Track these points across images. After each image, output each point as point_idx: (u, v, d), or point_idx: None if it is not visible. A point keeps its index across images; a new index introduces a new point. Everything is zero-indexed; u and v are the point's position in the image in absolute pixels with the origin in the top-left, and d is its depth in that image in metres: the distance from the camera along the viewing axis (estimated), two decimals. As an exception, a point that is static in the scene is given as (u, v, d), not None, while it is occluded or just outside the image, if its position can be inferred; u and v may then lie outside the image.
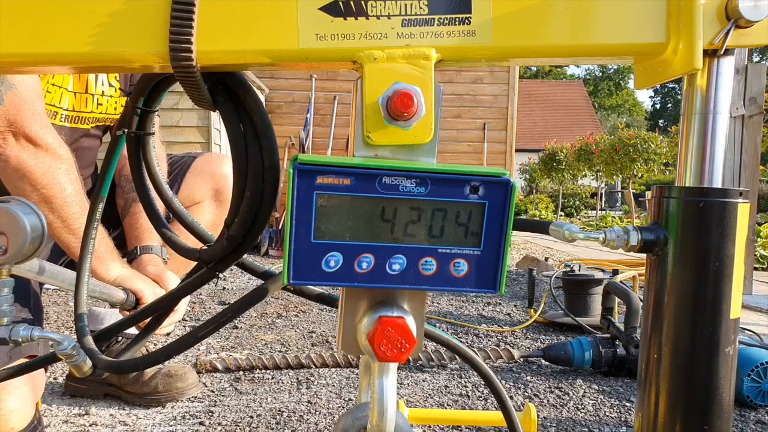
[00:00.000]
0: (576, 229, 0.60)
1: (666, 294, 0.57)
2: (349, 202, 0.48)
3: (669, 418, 0.57)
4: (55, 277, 0.79)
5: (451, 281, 0.51)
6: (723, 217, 0.54)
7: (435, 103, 0.52)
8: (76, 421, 1.27)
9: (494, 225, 0.50)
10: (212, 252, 0.65)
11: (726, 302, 0.55)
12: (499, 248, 0.51)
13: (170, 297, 0.72)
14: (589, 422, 1.32)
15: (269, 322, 2.22)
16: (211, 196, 1.40)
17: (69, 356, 0.67)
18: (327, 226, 0.49)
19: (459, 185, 0.49)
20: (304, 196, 0.48)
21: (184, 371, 1.41)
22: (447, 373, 1.63)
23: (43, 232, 0.73)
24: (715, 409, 0.56)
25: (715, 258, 0.55)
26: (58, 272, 0.80)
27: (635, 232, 0.58)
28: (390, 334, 0.52)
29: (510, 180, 0.50)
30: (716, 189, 0.55)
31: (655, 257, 0.58)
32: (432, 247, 0.50)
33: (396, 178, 0.49)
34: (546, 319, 2.25)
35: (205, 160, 1.43)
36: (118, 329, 0.77)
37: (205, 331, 0.66)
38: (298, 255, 0.49)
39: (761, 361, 1.41)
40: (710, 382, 0.56)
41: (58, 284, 0.80)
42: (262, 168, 0.59)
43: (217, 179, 1.40)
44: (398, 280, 0.51)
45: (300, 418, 1.29)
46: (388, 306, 0.54)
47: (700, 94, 0.55)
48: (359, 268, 0.50)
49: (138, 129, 0.69)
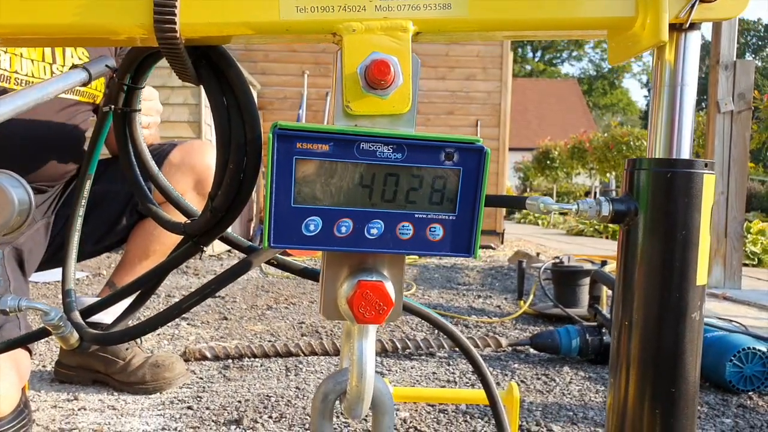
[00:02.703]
0: (550, 201, 0.62)
1: (636, 262, 0.59)
2: (328, 168, 0.50)
3: (639, 382, 0.59)
4: None
5: (427, 245, 0.53)
6: (689, 188, 0.56)
7: (412, 74, 0.53)
8: (65, 405, 1.27)
9: (468, 191, 0.52)
10: (196, 225, 0.67)
11: (692, 269, 0.57)
12: (474, 213, 0.53)
13: (155, 272, 0.73)
14: (575, 406, 1.34)
15: (259, 314, 2.24)
16: (192, 187, 1.35)
17: (56, 327, 0.68)
18: (306, 191, 0.50)
19: (434, 152, 0.51)
20: (283, 161, 0.49)
21: (171, 361, 1.41)
22: (435, 360, 1.65)
23: (30, 206, 0.74)
24: (682, 373, 0.58)
25: (682, 227, 0.57)
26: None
27: (607, 203, 0.60)
28: (369, 296, 0.54)
29: (483, 147, 0.51)
30: (683, 160, 0.57)
31: (626, 227, 0.60)
32: (409, 212, 0.52)
33: (373, 145, 0.50)
34: (535, 311, 2.27)
35: (185, 150, 1.37)
36: (104, 305, 0.78)
37: (190, 302, 0.67)
38: (279, 219, 0.50)
39: (743, 347, 1.43)
40: (678, 347, 0.58)
41: None
42: (244, 141, 0.61)
43: (198, 170, 1.34)
44: (376, 244, 0.52)
45: (288, 403, 1.30)
46: (367, 271, 0.55)
47: (668, 68, 0.57)
48: (338, 233, 0.51)
49: (124, 106, 0.71)
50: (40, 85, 0.90)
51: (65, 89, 0.99)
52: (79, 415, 1.22)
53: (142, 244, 1.35)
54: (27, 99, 0.86)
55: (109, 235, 1.35)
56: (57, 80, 0.96)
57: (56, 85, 0.96)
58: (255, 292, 2.72)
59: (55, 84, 0.95)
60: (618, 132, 8.19)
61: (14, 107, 0.83)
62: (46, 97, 0.90)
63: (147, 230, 1.35)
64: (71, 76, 0.99)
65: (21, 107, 0.84)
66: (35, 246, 1.28)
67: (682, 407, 0.58)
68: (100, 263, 3.60)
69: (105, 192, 1.30)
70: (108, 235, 1.35)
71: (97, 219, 1.31)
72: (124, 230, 1.35)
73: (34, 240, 1.27)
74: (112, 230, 1.34)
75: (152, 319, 0.67)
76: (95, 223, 1.31)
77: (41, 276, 2.66)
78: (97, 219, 1.30)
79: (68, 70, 1.05)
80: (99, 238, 1.34)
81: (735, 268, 3.55)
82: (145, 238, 1.35)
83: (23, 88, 0.73)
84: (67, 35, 0.57)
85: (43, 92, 0.90)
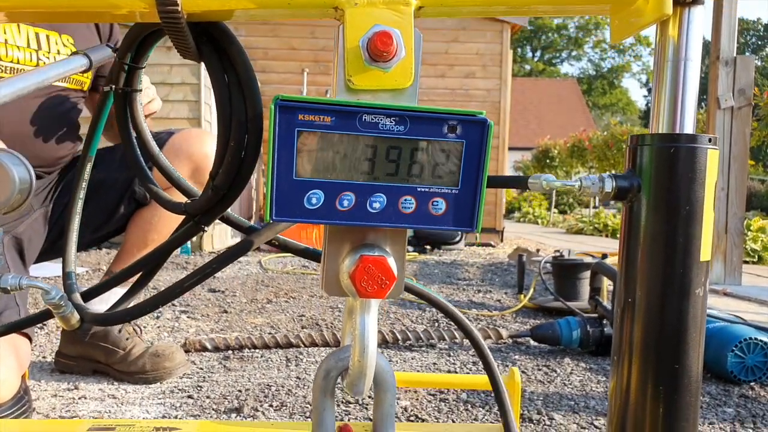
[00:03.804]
0: (552, 179, 0.62)
1: (639, 239, 0.58)
2: (330, 140, 0.50)
3: (642, 360, 0.58)
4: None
5: (430, 219, 0.53)
6: (693, 163, 0.56)
7: (415, 47, 0.53)
8: (66, 395, 1.27)
9: (471, 164, 0.52)
10: (198, 204, 0.66)
11: (696, 245, 0.57)
12: (476, 187, 0.52)
13: (157, 254, 0.73)
14: (576, 396, 1.34)
15: (259, 307, 2.23)
16: (190, 175, 1.32)
17: (56, 306, 0.68)
18: (308, 163, 0.50)
19: (437, 124, 0.51)
20: (285, 133, 0.49)
21: (171, 351, 1.41)
22: (436, 352, 1.65)
23: (31, 184, 0.74)
24: (686, 349, 0.58)
25: (686, 202, 0.56)
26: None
27: (610, 179, 0.59)
28: (371, 270, 0.54)
29: (486, 120, 0.51)
30: (686, 135, 0.57)
31: (629, 204, 0.60)
32: (411, 185, 0.52)
33: (376, 117, 0.50)
34: (535, 305, 2.27)
35: (183, 138, 1.35)
36: (105, 287, 0.78)
37: (191, 281, 0.67)
38: (280, 192, 0.50)
39: (744, 337, 1.43)
40: (681, 323, 0.57)
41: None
42: (245, 118, 0.60)
43: (196, 159, 1.32)
44: (378, 218, 0.52)
45: (288, 392, 1.30)
46: (369, 247, 0.55)
47: (672, 43, 0.57)
48: (340, 206, 0.51)
49: (125, 85, 0.71)
50: (40, 69, 0.90)
51: (66, 75, 0.99)
52: (79, 404, 1.22)
53: (140, 233, 1.35)
54: (28, 82, 0.86)
55: (108, 223, 1.34)
56: (58, 65, 0.96)
57: (57, 70, 0.95)
58: (255, 286, 2.71)
59: (55, 69, 0.95)
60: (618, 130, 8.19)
61: (15, 89, 0.82)
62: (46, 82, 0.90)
63: (145, 219, 1.35)
64: (72, 62, 0.98)
65: (22, 90, 0.84)
66: (34, 235, 1.27)
67: (686, 384, 0.58)
68: (100, 259, 3.59)
69: (102, 180, 1.29)
70: (106, 224, 1.34)
71: (95, 207, 1.30)
72: (122, 219, 1.35)
73: (33, 229, 1.27)
74: (111, 218, 1.34)
75: (153, 298, 0.66)
76: (93, 211, 1.30)
77: (40, 270, 2.66)
78: (94, 207, 1.30)
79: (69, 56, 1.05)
80: (97, 227, 1.34)
81: (735, 264, 3.55)
82: (144, 227, 1.34)
83: (11, 76, 0.72)
84: (67, 9, 0.57)
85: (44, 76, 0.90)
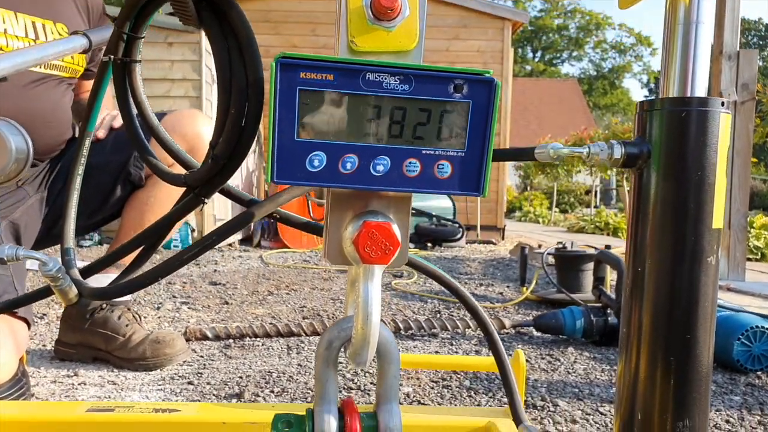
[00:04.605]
0: (559, 146, 0.61)
1: (650, 206, 0.57)
2: (333, 99, 0.48)
3: (653, 329, 0.57)
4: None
5: (435, 183, 0.51)
6: (705, 127, 0.55)
7: (419, 8, 0.52)
8: (65, 381, 1.26)
9: (478, 126, 0.50)
10: (198, 174, 0.65)
11: (708, 212, 0.56)
12: (483, 150, 0.51)
13: (157, 227, 0.72)
14: (580, 384, 1.32)
15: (260, 299, 2.22)
16: None
17: (54, 279, 0.66)
18: (310, 124, 0.49)
19: (443, 83, 0.49)
20: (286, 91, 0.48)
21: (172, 337, 1.40)
22: (438, 341, 1.64)
23: (28, 154, 0.73)
24: (697, 320, 0.57)
25: (698, 167, 0.55)
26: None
27: (619, 146, 0.58)
28: (374, 236, 0.52)
29: (494, 79, 0.50)
30: (698, 98, 0.55)
31: (638, 171, 0.58)
32: (416, 148, 0.50)
33: (380, 75, 0.49)
34: (538, 297, 2.25)
35: (176, 118, 1.32)
36: (105, 263, 0.77)
37: (191, 253, 0.65)
38: (282, 153, 0.49)
39: (751, 326, 1.42)
40: (693, 292, 0.56)
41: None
42: (246, 83, 0.59)
43: (189, 139, 1.29)
44: (382, 182, 0.51)
45: (290, 379, 1.28)
46: (372, 214, 0.54)
47: (683, 5, 0.56)
48: (343, 169, 0.50)
49: (124, 56, 0.69)
50: (40, 46, 0.89)
51: (65, 54, 0.97)
52: (78, 390, 1.20)
53: (136, 215, 1.33)
54: (26, 58, 0.85)
55: (103, 207, 1.33)
56: (57, 43, 0.95)
57: (56, 48, 0.94)
58: (256, 279, 2.70)
59: (54, 47, 0.94)
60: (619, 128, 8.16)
61: (14, 64, 0.81)
62: (45, 59, 0.89)
63: (141, 201, 1.33)
64: (72, 41, 0.97)
65: (20, 65, 0.83)
66: (30, 221, 1.26)
67: (698, 355, 0.56)
68: (100, 253, 3.58)
69: (96, 163, 1.28)
70: (102, 208, 1.33)
71: (90, 191, 1.29)
72: (118, 202, 1.33)
73: (29, 215, 1.26)
74: (106, 202, 1.33)
75: (153, 270, 0.65)
76: (88, 195, 1.29)
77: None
78: (89, 191, 1.28)
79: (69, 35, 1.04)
80: (93, 211, 1.33)
81: (739, 260, 3.53)
82: (140, 209, 1.33)
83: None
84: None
85: (43, 53, 0.89)
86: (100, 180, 1.31)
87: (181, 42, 4.36)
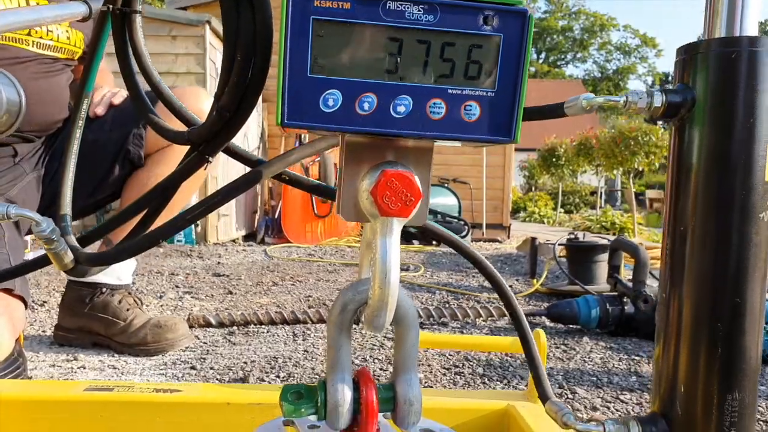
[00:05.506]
0: (592, 96, 0.56)
1: (693, 160, 0.52)
2: (349, 31, 0.44)
3: (696, 292, 0.52)
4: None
5: (461, 127, 0.46)
6: (756, 69, 0.50)
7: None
8: (64, 365, 1.22)
9: (510, 63, 0.46)
10: (202, 130, 0.60)
11: (760, 164, 0.51)
12: (516, 90, 0.46)
13: (161, 188, 0.67)
14: (598, 372, 1.27)
15: (265, 289, 2.18)
16: None
17: (48, 241, 0.62)
18: (325, 58, 0.44)
19: (472, 14, 0.45)
20: (299, 21, 0.43)
21: (174, 322, 1.36)
22: (448, 330, 1.59)
23: (20, 105, 0.69)
24: (749, 282, 0.52)
25: (749, 115, 0.50)
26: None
27: (660, 93, 0.53)
28: (394, 185, 0.47)
29: (527, 10, 0.45)
30: (748, 38, 0.50)
31: (679, 123, 0.54)
32: (441, 87, 0.45)
33: (401, 3, 0.44)
34: (548, 289, 2.20)
35: (178, 94, 1.25)
36: (103, 231, 0.73)
37: (194, 213, 0.61)
38: (293, 91, 0.44)
39: (773, 314, 1.36)
40: (743, 251, 0.51)
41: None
42: (253, 32, 0.54)
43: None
44: (403, 125, 0.46)
45: (296, 364, 1.24)
46: (391, 164, 0.49)
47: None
48: (360, 110, 0.45)
49: (124, 5, 0.65)
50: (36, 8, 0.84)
51: (62, 19, 0.93)
52: (78, 373, 1.16)
53: (136, 195, 1.29)
54: (21, 18, 0.80)
55: (102, 186, 1.29)
56: (55, 7, 0.90)
57: (53, 12, 0.90)
58: (260, 272, 2.66)
59: (52, 10, 0.89)
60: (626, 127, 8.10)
61: (7, 22, 0.77)
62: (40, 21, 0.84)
63: (141, 180, 1.29)
64: (70, 7, 0.93)
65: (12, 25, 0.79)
66: (28, 198, 1.22)
67: (749, 322, 0.51)
68: (103, 247, 3.55)
69: (94, 141, 1.24)
70: (101, 187, 1.29)
71: (89, 170, 1.24)
72: (117, 181, 1.29)
73: (27, 192, 1.22)
74: (105, 181, 1.28)
75: (152, 232, 0.61)
76: (87, 174, 1.24)
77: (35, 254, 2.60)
78: (88, 170, 1.24)
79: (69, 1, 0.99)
80: (92, 191, 1.28)
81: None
82: (140, 188, 1.29)
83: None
84: None
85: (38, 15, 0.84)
86: (100, 158, 1.27)
87: (185, 35, 4.34)
